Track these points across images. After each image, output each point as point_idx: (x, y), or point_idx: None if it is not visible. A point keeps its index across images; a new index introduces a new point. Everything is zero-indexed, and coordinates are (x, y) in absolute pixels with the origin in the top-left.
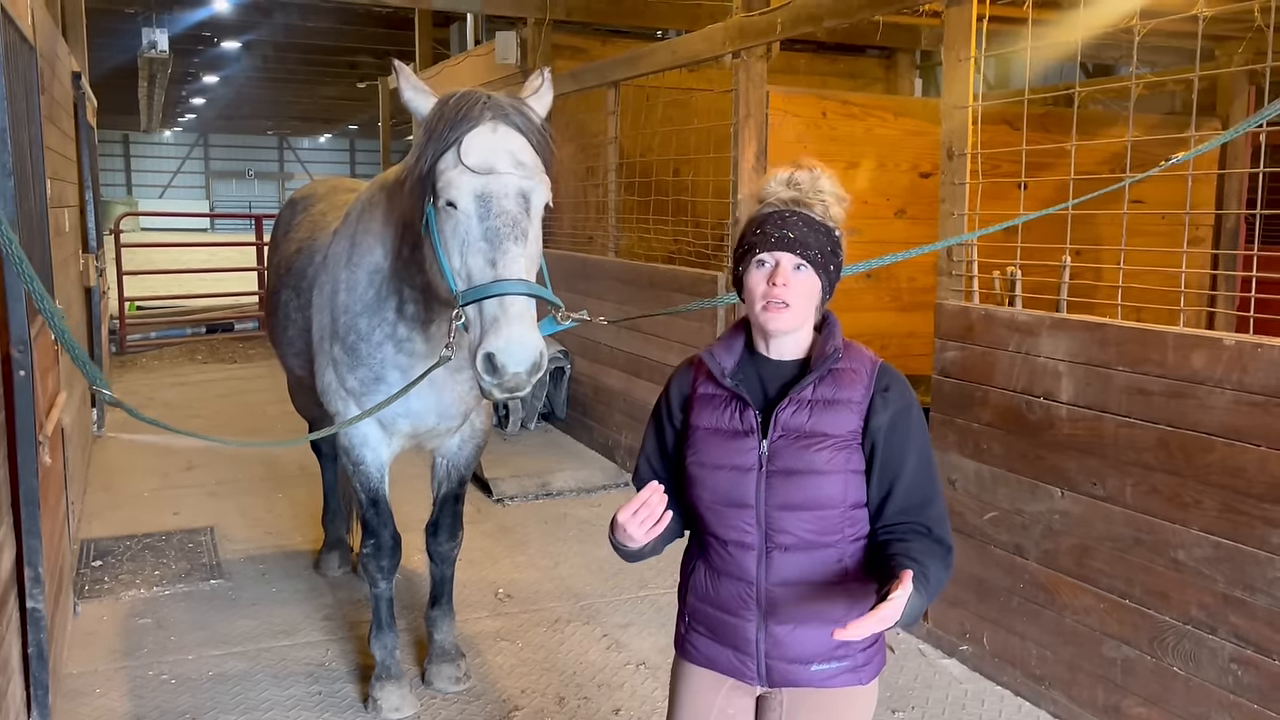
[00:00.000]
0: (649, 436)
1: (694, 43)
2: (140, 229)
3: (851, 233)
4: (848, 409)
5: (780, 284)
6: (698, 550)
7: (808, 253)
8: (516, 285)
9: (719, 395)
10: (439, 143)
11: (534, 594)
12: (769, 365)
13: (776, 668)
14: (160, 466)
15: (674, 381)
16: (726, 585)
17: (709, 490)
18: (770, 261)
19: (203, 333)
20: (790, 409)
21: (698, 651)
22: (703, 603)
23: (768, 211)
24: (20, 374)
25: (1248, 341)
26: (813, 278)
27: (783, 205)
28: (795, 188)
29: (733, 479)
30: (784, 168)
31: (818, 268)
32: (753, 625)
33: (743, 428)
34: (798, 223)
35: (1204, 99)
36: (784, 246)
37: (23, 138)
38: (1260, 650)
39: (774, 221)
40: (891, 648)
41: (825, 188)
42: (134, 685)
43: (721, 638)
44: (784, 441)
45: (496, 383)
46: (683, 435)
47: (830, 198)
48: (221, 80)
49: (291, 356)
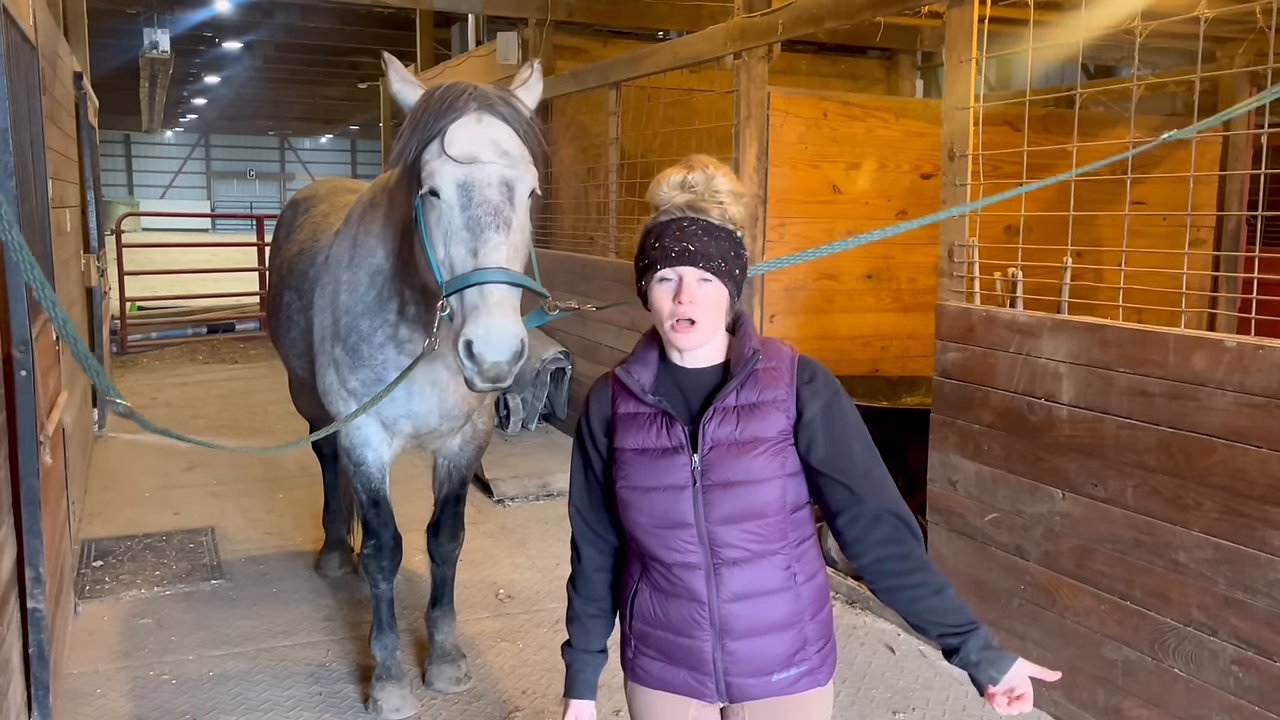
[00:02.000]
0: (575, 471)
1: (695, 44)
2: (141, 229)
3: (852, 234)
4: (774, 409)
5: (686, 301)
6: (638, 571)
7: (711, 264)
8: (497, 274)
9: (642, 413)
10: (424, 133)
11: (535, 594)
12: (688, 375)
13: (737, 684)
14: (161, 466)
15: (591, 404)
16: (677, 607)
17: (644, 514)
18: (673, 278)
19: (204, 333)
20: (717, 419)
21: (651, 676)
22: (651, 627)
23: (664, 220)
24: (21, 374)
25: (1249, 343)
26: (719, 288)
27: (679, 212)
28: (690, 190)
29: (668, 499)
30: (675, 169)
31: (723, 277)
32: (708, 645)
33: (671, 444)
34: (697, 232)
35: (1205, 100)
36: (686, 260)
37: (24, 138)
38: (1261, 652)
39: (672, 233)
40: (892, 649)
41: (721, 187)
42: (134, 685)
43: (676, 660)
44: (716, 454)
45: (477, 370)
46: (609, 459)
47: (728, 197)
48: (223, 80)
49: (294, 357)
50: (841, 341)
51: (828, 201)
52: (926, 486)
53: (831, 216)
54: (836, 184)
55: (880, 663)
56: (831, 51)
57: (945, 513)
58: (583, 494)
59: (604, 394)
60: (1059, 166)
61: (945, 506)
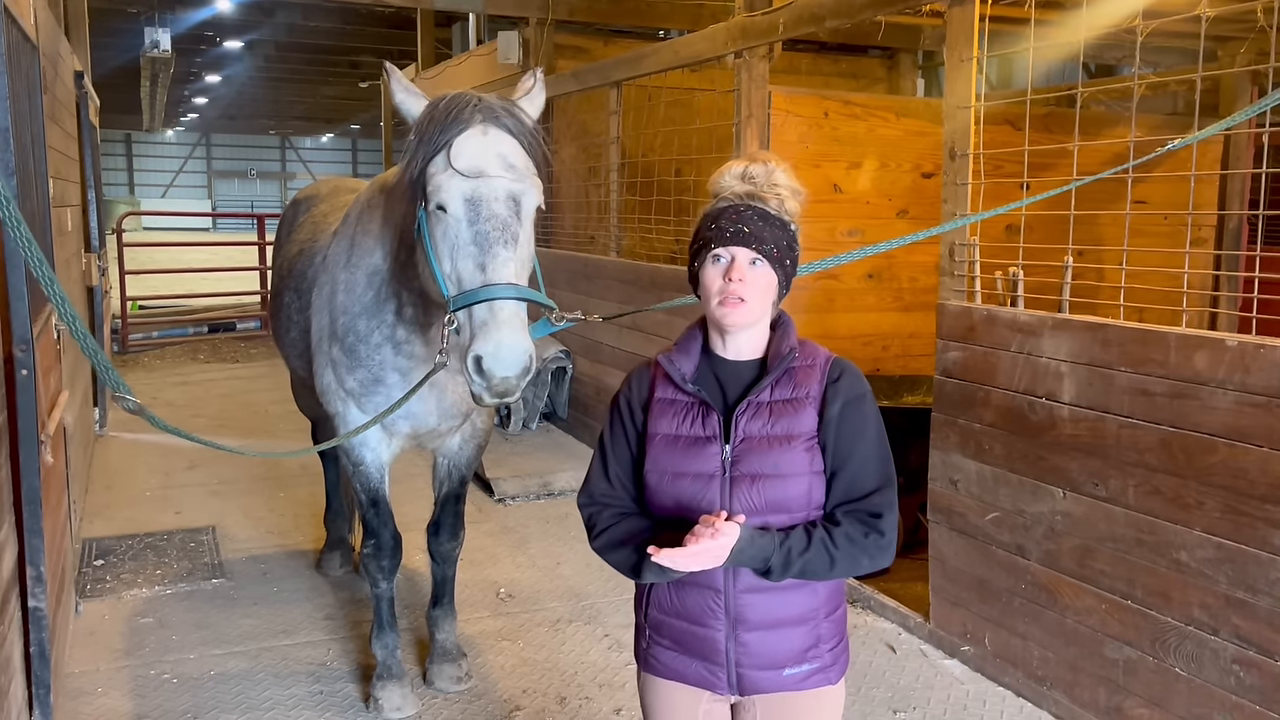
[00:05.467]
0: (610, 444)
1: (696, 43)
2: (142, 228)
3: (853, 233)
4: (805, 406)
5: (736, 279)
6: None
7: (763, 247)
8: (506, 290)
9: (679, 401)
10: (429, 146)
11: (535, 594)
12: (727, 366)
13: (748, 676)
14: (162, 466)
15: (631, 384)
16: (693, 596)
17: (670, 499)
18: (726, 257)
19: (205, 332)
20: (750, 412)
21: (664, 666)
22: (667, 615)
23: (722, 206)
24: (23, 373)
25: (1250, 342)
26: (769, 273)
27: (737, 199)
28: (750, 181)
29: (696, 486)
30: (738, 161)
31: (774, 262)
32: (722, 635)
33: (704, 433)
34: (753, 217)
35: (1207, 100)
36: (739, 241)
37: (25, 137)
38: (1262, 651)
39: (729, 216)
40: (893, 648)
41: (780, 181)
42: (136, 684)
43: (690, 650)
44: (747, 445)
45: (485, 386)
46: (640, 441)
47: (786, 191)
48: (224, 80)
49: (294, 357)
50: (843, 341)
51: (829, 201)
52: (928, 485)
53: (833, 216)
54: (838, 183)
55: (881, 662)
56: (833, 51)
57: (946, 512)
58: (603, 473)
59: (645, 377)
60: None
61: (946, 506)
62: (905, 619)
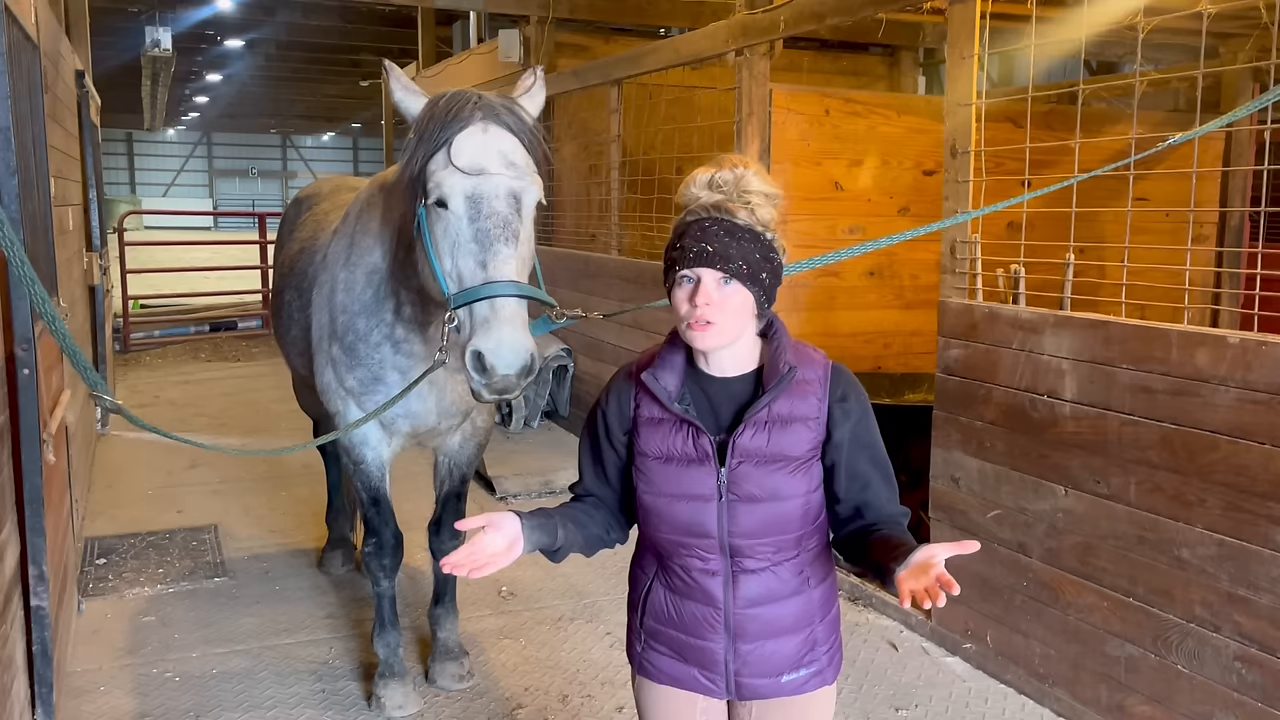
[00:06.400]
0: (584, 458)
1: (697, 40)
2: (144, 227)
3: (854, 230)
4: (804, 425)
5: (701, 303)
6: (653, 569)
7: (730, 266)
8: (507, 287)
9: (666, 420)
10: (429, 144)
11: (537, 592)
12: (715, 384)
13: (747, 684)
14: (164, 464)
15: (610, 399)
16: (691, 609)
17: (666, 521)
18: (692, 278)
19: (206, 331)
20: (749, 432)
21: (661, 672)
22: (664, 625)
23: (689, 220)
24: (24, 372)
25: (1252, 339)
26: (741, 291)
27: (704, 212)
28: (718, 190)
29: (693, 509)
30: (705, 168)
31: (745, 280)
32: (721, 647)
33: (697, 455)
34: (719, 233)
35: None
36: (704, 262)
37: (26, 136)
38: (1264, 649)
39: (693, 234)
40: (895, 646)
41: (751, 187)
42: (138, 683)
43: (687, 658)
44: (744, 468)
45: (485, 383)
46: (629, 458)
47: (757, 198)
48: (225, 79)
49: (295, 356)
50: (844, 339)
51: (830, 198)
52: (929, 483)
53: (834, 213)
54: (839, 181)
55: (883, 659)
56: (833, 48)
57: (948, 510)
58: (593, 481)
59: (626, 393)
60: (1061, 163)
61: (948, 503)
62: (907, 616)
